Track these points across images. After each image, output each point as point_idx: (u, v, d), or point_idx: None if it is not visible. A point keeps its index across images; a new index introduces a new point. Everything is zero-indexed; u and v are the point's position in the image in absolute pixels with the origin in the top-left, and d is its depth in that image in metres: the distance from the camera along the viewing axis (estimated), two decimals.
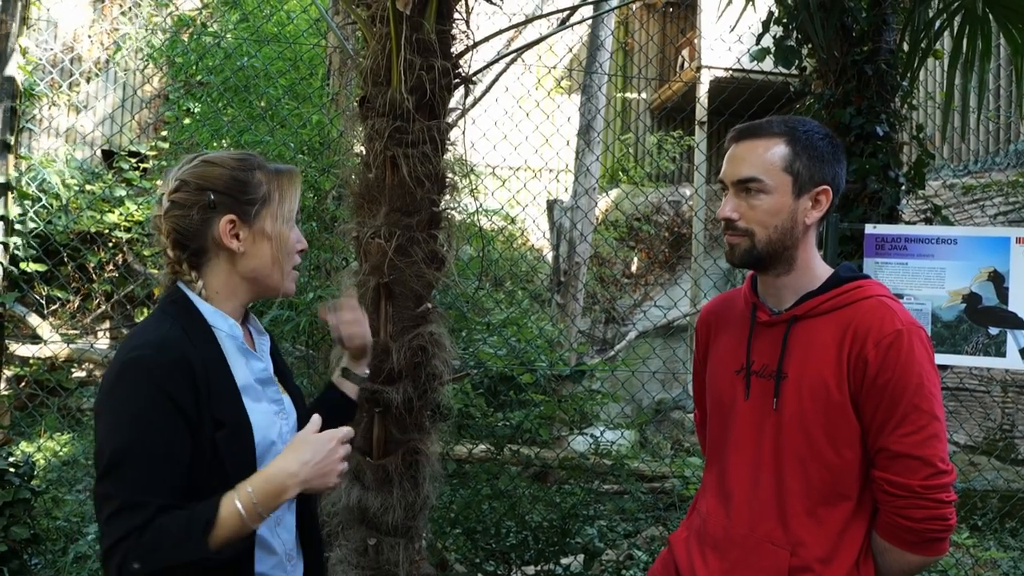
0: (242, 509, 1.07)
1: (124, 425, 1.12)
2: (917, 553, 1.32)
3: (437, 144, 2.13)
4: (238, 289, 1.28)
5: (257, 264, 1.27)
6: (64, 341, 5.93)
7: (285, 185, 1.30)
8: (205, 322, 1.25)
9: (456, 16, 2.21)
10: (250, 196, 1.26)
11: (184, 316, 1.23)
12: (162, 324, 1.21)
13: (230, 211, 1.25)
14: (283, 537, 1.28)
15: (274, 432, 1.26)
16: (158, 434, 1.12)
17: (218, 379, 1.20)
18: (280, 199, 1.29)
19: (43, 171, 6.50)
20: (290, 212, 1.30)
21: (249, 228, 1.26)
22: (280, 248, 1.28)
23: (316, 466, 1.14)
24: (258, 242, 1.27)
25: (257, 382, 1.28)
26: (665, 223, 10.41)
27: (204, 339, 1.22)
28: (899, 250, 2.55)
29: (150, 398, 1.12)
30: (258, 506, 1.09)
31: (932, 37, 3.17)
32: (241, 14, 5.92)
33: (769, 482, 1.38)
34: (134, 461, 1.09)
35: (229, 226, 1.25)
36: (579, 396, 4.71)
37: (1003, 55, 7.39)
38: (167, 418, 1.12)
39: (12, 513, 2.89)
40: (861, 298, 1.37)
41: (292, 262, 1.32)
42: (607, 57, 7.39)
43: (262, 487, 1.10)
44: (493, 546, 3.47)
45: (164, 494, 1.10)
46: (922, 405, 1.29)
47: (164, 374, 1.14)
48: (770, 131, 1.40)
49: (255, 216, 1.26)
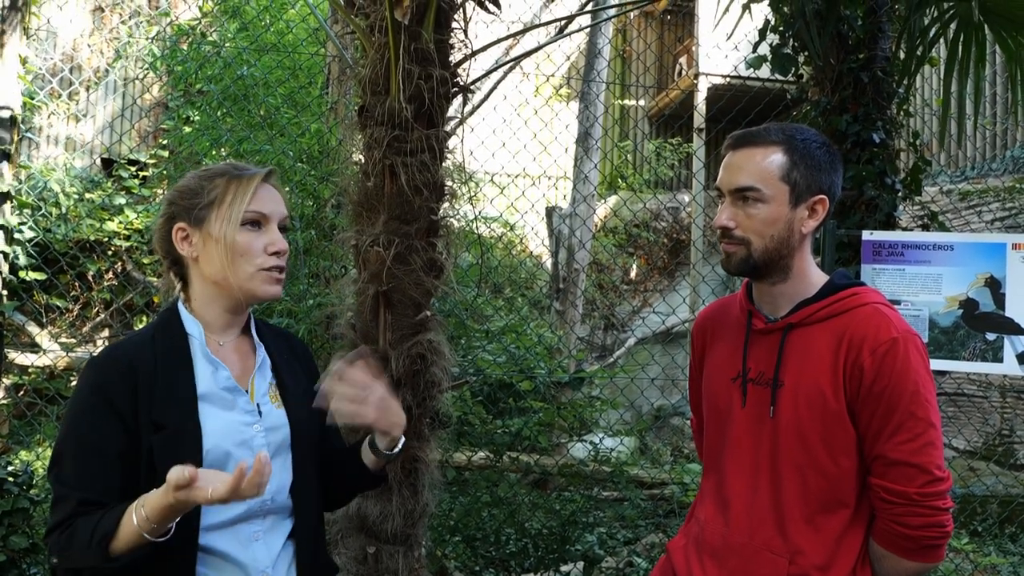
0: (136, 523, 1.10)
1: (66, 423, 1.21)
2: (914, 560, 1.32)
3: (436, 152, 2.14)
4: (212, 295, 1.29)
5: (213, 268, 1.28)
6: (63, 350, 5.92)
7: (240, 186, 1.28)
8: (183, 329, 1.28)
9: (454, 25, 2.22)
10: (196, 200, 1.28)
11: (164, 324, 1.29)
12: (140, 331, 1.30)
13: (181, 218, 1.29)
14: (258, 555, 1.25)
15: (232, 442, 1.24)
16: (91, 433, 1.18)
17: (170, 384, 1.22)
18: (231, 200, 1.27)
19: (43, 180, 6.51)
20: (238, 212, 1.26)
21: (199, 232, 1.28)
22: (228, 249, 1.25)
23: (182, 502, 1.09)
24: (207, 246, 1.27)
25: (224, 390, 1.27)
26: (663, 230, 10.43)
27: (173, 345, 1.25)
28: (896, 256, 2.56)
29: (89, 399, 1.20)
30: (151, 521, 1.09)
31: (928, 44, 3.18)
32: (241, 23, 5.94)
33: (767, 490, 1.38)
34: (67, 457, 1.18)
35: (180, 233, 1.29)
36: (578, 403, 4.71)
37: (998, 62, 7.43)
38: (102, 419, 1.18)
39: (11, 522, 2.89)
40: (857, 305, 1.37)
41: (255, 263, 1.27)
42: (605, 65, 7.42)
43: (152, 503, 1.10)
44: (493, 554, 3.46)
45: (93, 490, 1.15)
46: (918, 412, 1.30)
47: (104, 378, 1.20)
48: (768, 139, 1.39)
49: (202, 219, 1.27)
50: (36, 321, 6.51)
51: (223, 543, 1.22)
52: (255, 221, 1.28)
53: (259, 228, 1.28)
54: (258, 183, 1.30)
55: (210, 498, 1.06)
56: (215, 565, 1.22)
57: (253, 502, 1.24)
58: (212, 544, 1.21)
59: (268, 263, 1.28)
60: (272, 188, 1.32)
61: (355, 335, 2.17)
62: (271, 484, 1.27)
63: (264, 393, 1.33)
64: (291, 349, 1.44)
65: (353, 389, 1.25)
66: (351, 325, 2.19)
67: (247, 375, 1.31)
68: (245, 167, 1.33)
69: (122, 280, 7.01)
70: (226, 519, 1.23)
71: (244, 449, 1.25)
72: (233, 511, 1.23)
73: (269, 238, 1.29)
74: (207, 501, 1.06)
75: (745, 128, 1.45)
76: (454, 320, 4.58)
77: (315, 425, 1.35)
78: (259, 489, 1.07)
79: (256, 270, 1.27)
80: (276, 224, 1.31)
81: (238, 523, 1.24)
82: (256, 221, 1.28)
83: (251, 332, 1.36)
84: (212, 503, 1.07)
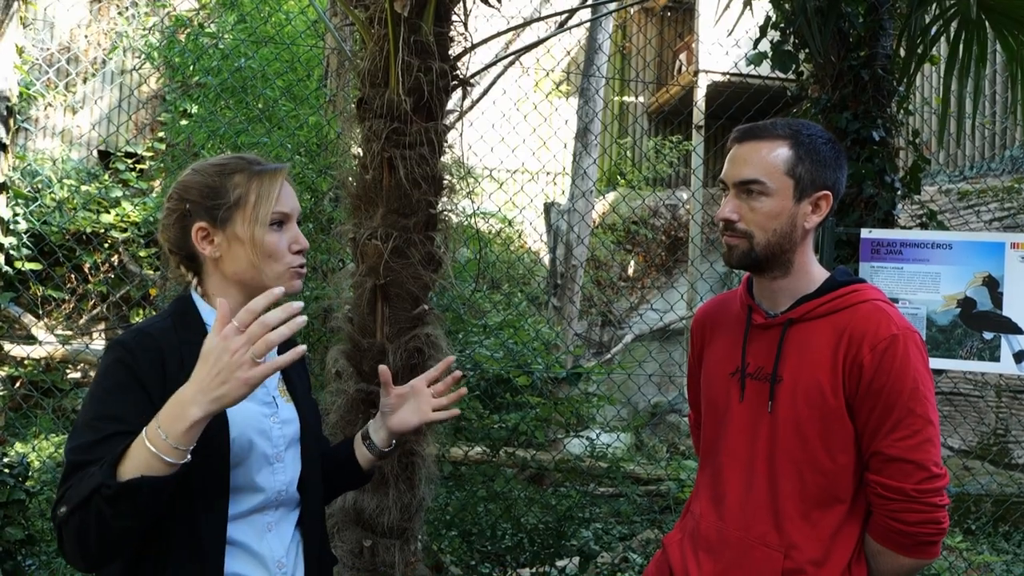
0: (147, 437, 1.04)
1: (92, 398, 1.16)
2: (910, 556, 1.33)
3: (435, 146, 2.14)
4: (230, 291, 1.28)
5: (237, 268, 1.26)
6: (59, 342, 5.91)
7: (265, 185, 1.27)
8: (201, 320, 1.27)
9: (454, 18, 2.21)
10: (219, 201, 1.25)
11: (181, 313, 1.27)
12: (158, 318, 1.27)
13: (201, 218, 1.26)
14: (272, 544, 1.26)
15: (255, 431, 1.24)
16: (115, 403, 1.14)
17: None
18: (256, 201, 1.25)
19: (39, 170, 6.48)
20: (265, 214, 1.25)
21: (222, 233, 1.25)
22: (255, 251, 1.25)
23: (211, 378, 1.04)
24: (233, 246, 1.25)
25: None
26: (662, 226, 10.43)
27: (195, 335, 1.22)
28: (895, 255, 2.56)
29: (116, 374, 1.16)
30: (162, 431, 1.03)
31: (928, 43, 3.18)
32: (239, 15, 5.91)
33: (763, 484, 1.38)
34: (89, 429, 1.12)
35: (201, 233, 1.26)
36: (575, 399, 4.71)
37: (999, 61, 7.43)
38: (128, 391, 1.15)
39: (7, 514, 2.88)
40: (857, 302, 1.37)
41: (284, 262, 1.28)
42: (605, 60, 7.41)
43: (164, 413, 1.05)
44: (488, 548, 3.46)
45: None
46: (917, 409, 1.30)
47: (133, 355, 1.17)
48: (774, 133, 1.39)
49: (227, 220, 1.25)
50: (32, 313, 6.49)
51: (241, 534, 1.22)
52: (279, 221, 1.28)
53: (281, 227, 1.29)
54: (281, 182, 1.29)
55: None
56: (237, 556, 1.21)
57: (271, 491, 1.25)
58: (232, 536, 1.21)
59: (295, 262, 1.29)
60: (287, 184, 1.33)
61: (352, 329, 2.16)
62: (285, 475, 1.28)
63: (275, 387, 1.33)
64: (289, 344, 1.43)
65: (402, 399, 1.43)
66: (348, 319, 2.19)
67: None
68: (258, 160, 1.32)
69: (119, 272, 7.00)
70: (246, 509, 1.23)
71: (264, 439, 1.25)
72: (252, 501, 1.23)
73: (292, 236, 1.29)
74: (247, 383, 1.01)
75: (741, 125, 1.45)
76: (452, 315, 4.58)
77: (318, 420, 1.38)
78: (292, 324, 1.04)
79: (285, 269, 1.28)
80: (295, 221, 1.32)
81: (255, 513, 1.24)
82: (280, 221, 1.28)
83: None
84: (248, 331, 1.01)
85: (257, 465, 1.23)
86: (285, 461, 1.28)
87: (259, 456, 1.23)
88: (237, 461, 1.20)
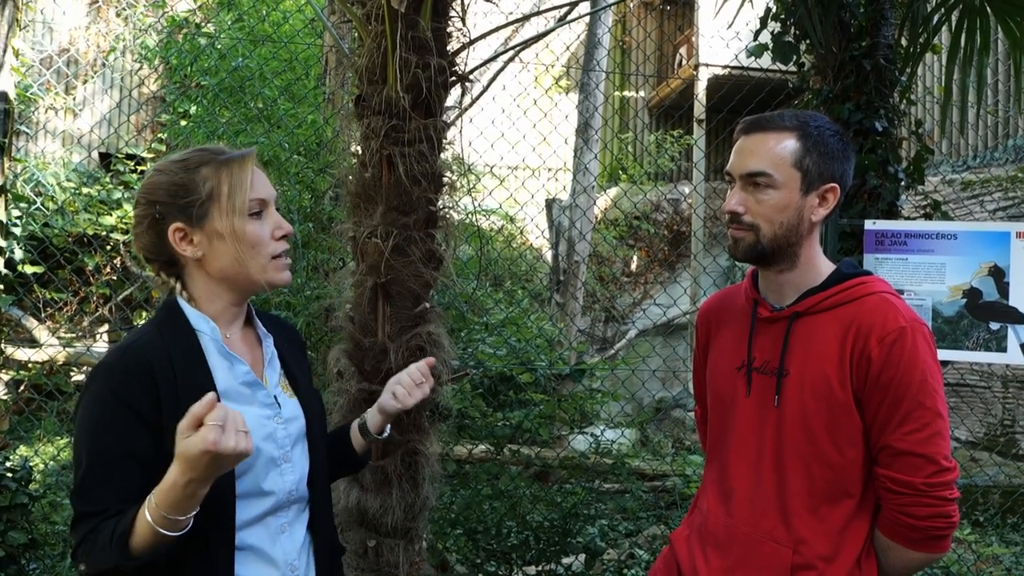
0: (149, 517, 1.04)
1: (85, 433, 1.13)
2: (920, 551, 1.31)
3: (434, 143, 2.12)
4: (217, 291, 1.24)
5: (223, 264, 1.22)
6: (61, 345, 5.91)
7: (235, 174, 1.21)
8: (189, 326, 1.22)
9: (452, 14, 2.20)
10: (191, 198, 1.20)
11: (168, 321, 1.23)
12: (143, 330, 1.23)
13: (175, 219, 1.21)
14: (286, 547, 1.25)
15: (258, 437, 1.21)
16: (112, 441, 1.12)
17: (190, 385, 1.16)
18: (230, 191, 1.20)
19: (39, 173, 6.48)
20: (243, 203, 1.21)
21: (201, 231, 1.21)
22: (239, 242, 1.20)
23: (191, 461, 1.01)
24: (214, 243, 1.21)
25: (243, 385, 1.24)
26: (664, 221, 10.40)
27: (185, 343, 1.20)
28: (899, 246, 2.54)
29: (107, 404, 1.13)
30: (161, 509, 1.04)
31: (930, 32, 3.15)
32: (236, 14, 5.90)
33: (770, 480, 1.37)
34: (91, 471, 1.11)
35: (179, 234, 1.21)
36: (579, 395, 4.70)
37: (1001, 49, 7.38)
38: (123, 424, 1.12)
39: (9, 518, 2.88)
40: (864, 295, 1.35)
41: (266, 252, 1.23)
42: (604, 55, 7.39)
43: (161, 493, 1.05)
44: (494, 546, 3.45)
45: (123, 499, 1.09)
46: (925, 402, 1.28)
47: (121, 381, 1.14)
48: (781, 125, 1.37)
49: (203, 217, 1.20)
50: (34, 316, 6.49)
51: (255, 538, 1.20)
52: (258, 210, 1.24)
53: (261, 215, 1.24)
54: (251, 168, 1.24)
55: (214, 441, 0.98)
56: (249, 561, 1.20)
57: (281, 493, 1.23)
58: (246, 541, 1.20)
59: (278, 249, 1.25)
60: (258, 169, 1.28)
61: (354, 327, 2.15)
62: (295, 474, 1.26)
63: (276, 384, 1.31)
64: (288, 337, 1.42)
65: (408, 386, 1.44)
66: (349, 317, 2.18)
67: (258, 367, 1.29)
68: (221, 150, 1.27)
69: (120, 274, 6.99)
70: (258, 513, 1.21)
71: (269, 443, 1.23)
72: (263, 505, 1.21)
73: (274, 222, 1.25)
74: (213, 446, 0.97)
75: (747, 117, 1.43)
76: (454, 312, 4.57)
77: (323, 412, 1.37)
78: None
79: (269, 259, 1.24)
80: (273, 206, 1.27)
81: (267, 516, 1.23)
82: (259, 210, 1.24)
83: (254, 322, 1.33)
84: (220, 449, 0.98)
85: (264, 470, 1.21)
86: (292, 460, 1.27)
87: (265, 461, 1.21)
88: (243, 469, 1.18)
